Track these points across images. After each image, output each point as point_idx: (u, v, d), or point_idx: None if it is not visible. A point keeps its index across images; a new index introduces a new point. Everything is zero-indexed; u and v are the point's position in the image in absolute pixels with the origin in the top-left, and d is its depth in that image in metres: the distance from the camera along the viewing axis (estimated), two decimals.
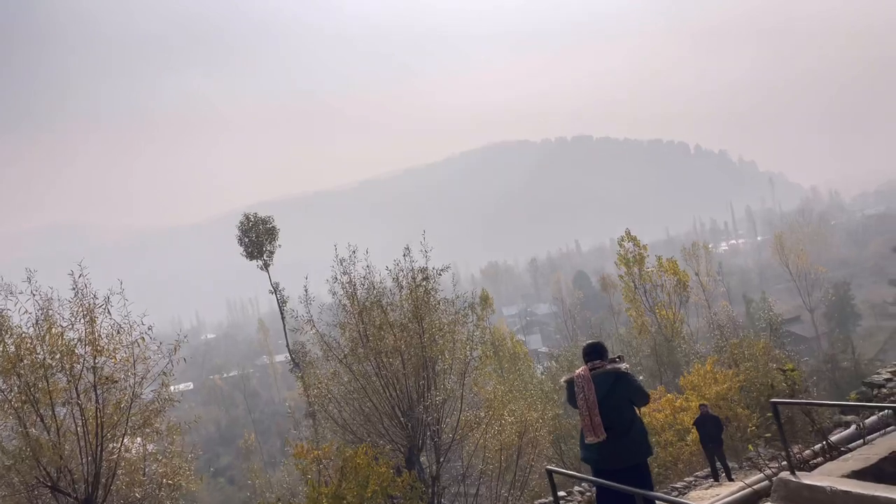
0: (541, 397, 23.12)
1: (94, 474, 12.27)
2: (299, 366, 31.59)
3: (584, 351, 6.15)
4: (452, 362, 18.02)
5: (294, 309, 18.45)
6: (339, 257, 18.08)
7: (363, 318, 17.13)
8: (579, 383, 5.85)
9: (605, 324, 62.20)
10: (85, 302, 12.27)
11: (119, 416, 12.43)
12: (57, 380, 12.25)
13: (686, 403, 20.93)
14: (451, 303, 18.88)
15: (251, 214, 34.29)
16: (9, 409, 12.01)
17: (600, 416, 5.66)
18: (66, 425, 12.40)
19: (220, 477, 55.37)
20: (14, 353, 11.76)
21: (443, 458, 17.69)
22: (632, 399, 5.80)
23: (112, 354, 12.31)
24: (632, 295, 38.28)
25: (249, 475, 41.40)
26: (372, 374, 17.20)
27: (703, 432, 15.23)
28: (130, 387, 12.50)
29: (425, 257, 18.35)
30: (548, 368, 35.73)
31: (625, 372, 5.84)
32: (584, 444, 5.87)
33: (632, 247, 37.94)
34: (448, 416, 17.90)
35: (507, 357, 37.92)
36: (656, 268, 38.33)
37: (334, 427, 18.11)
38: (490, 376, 25.94)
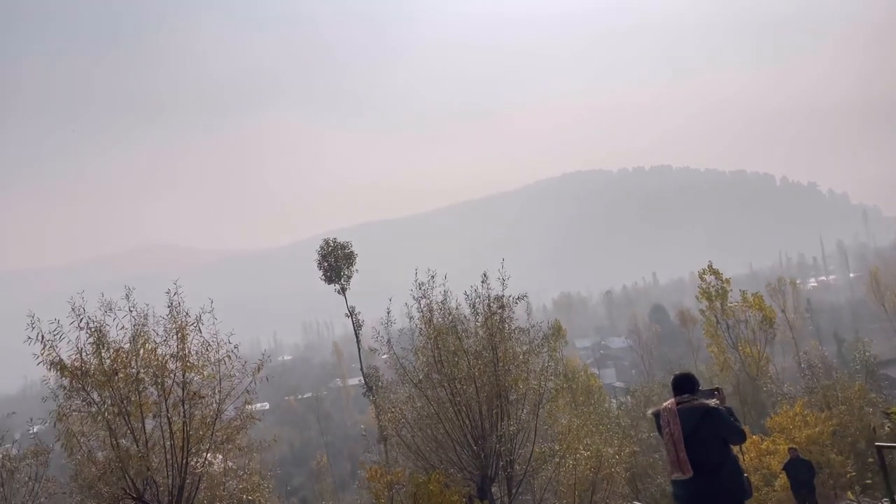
0: (617, 433, 22.49)
1: (179, 487, 12.70)
2: (372, 389, 31.88)
3: (672, 383, 5.96)
4: (526, 393, 17.82)
5: (375, 328, 18.69)
6: (417, 281, 18.28)
7: (438, 343, 17.20)
8: (665, 417, 5.67)
9: (683, 360, 59.99)
10: (178, 319, 12.86)
11: (204, 431, 12.88)
12: (148, 393, 12.82)
13: (773, 446, 19.92)
14: (526, 332, 18.74)
15: (330, 239, 35.18)
16: (101, 420, 12.61)
17: (686, 453, 5.46)
18: (153, 438, 12.91)
19: (292, 497, 56.13)
20: (110, 367, 12.39)
21: (515, 489, 17.43)
22: (724, 436, 5.57)
23: (200, 371, 12.81)
24: (713, 330, 36.89)
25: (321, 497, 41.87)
26: (445, 401, 17.20)
27: (793, 477, 14.44)
28: (216, 403, 12.95)
29: (502, 285, 18.33)
30: (623, 404, 34.73)
31: (714, 407, 5.62)
32: (673, 481, 5.67)
33: (714, 280, 36.66)
34: (521, 446, 17.67)
35: (581, 390, 37.10)
36: (740, 303, 36.86)
37: (406, 452, 18.16)
38: (563, 409, 25.47)
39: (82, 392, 12.31)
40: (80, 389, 12.27)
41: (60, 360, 12.16)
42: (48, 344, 12.14)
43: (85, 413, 12.60)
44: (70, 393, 12.40)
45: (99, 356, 12.30)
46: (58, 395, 12.55)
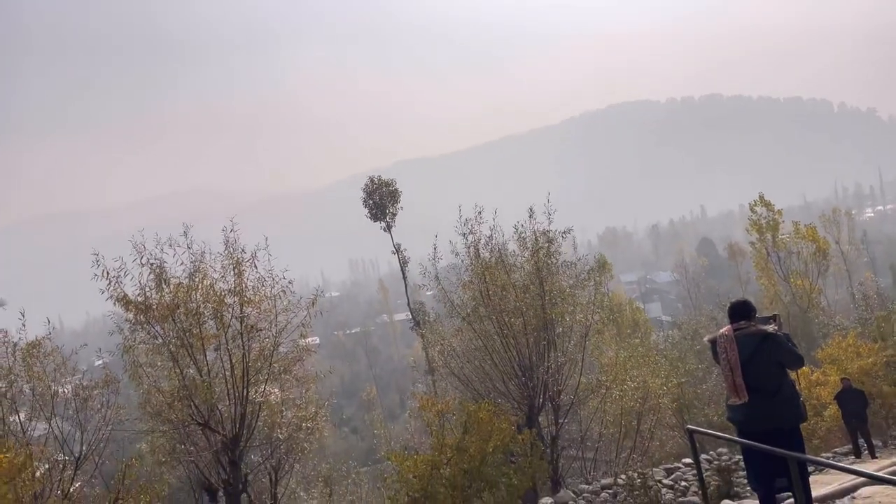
0: (664, 365, 22.57)
1: (241, 415, 13.33)
2: (420, 324, 32.51)
3: (728, 311, 5.94)
4: (572, 326, 17.93)
5: (422, 264, 18.92)
6: (463, 218, 18.32)
7: (486, 278, 17.34)
8: (722, 343, 5.68)
9: (731, 293, 59.25)
10: (234, 256, 13.25)
11: (262, 363, 13.42)
12: (208, 327, 13.35)
13: (823, 377, 19.75)
14: (573, 265, 18.73)
15: (375, 177, 35.34)
16: (165, 352, 13.25)
17: (743, 378, 5.49)
18: (215, 369, 13.51)
19: (344, 427, 58.44)
20: (171, 302, 12.90)
21: (562, 419, 17.77)
22: (781, 361, 5.58)
23: (257, 305, 13.26)
24: (764, 263, 36.22)
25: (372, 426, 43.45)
26: (493, 334, 17.45)
27: (845, 407, 14.35)
28: (272, 336, 13.43)
29: (548, 220, 18.24)
30: (670, 337, 34.67)
31: (772, 332, 5.61)
32: (729, 405, 5.73)
33: (765, 212, 35.74)
34: (567, 378, 17.90)
35: (627, 324, 37.16)
36: (792, 235, 35.98)
37: (455, 383, 18.60)
38: (609, 342, 25.58)
39: (146, 326, 12.90)
40: (145, 323, 12.85)
41: (125, 296, 12.71)
42: (113, 280, 12.67)
43: (149, 345, 13.23)
44: (135, 326, 13.01)
45: (160, 291, 12.81)
46: (123, 328, 13.17)
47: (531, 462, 14.38)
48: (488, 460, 13.65)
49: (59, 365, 13.54)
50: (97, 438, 13.62)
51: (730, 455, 12.04)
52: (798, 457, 5.02)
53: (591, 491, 11.67)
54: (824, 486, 7.45)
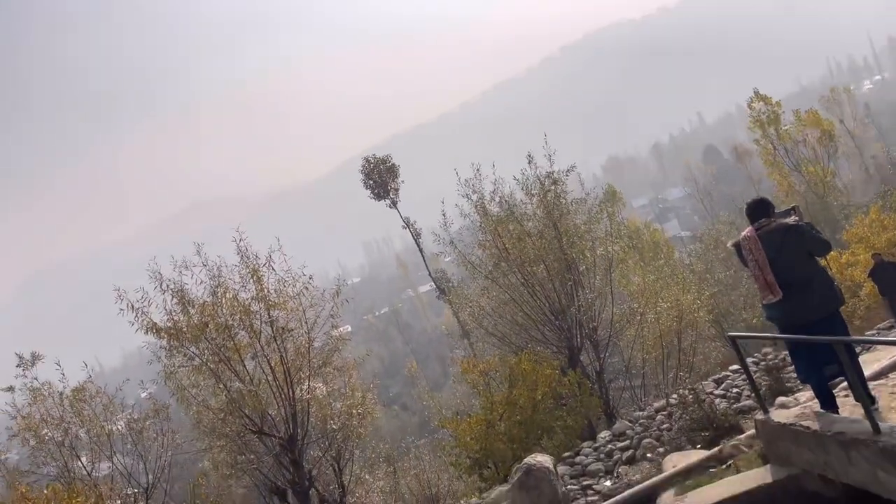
0: (692, 280, 22.55)
1: (292, 415, 13.54)
2: (445, 291, 32.70)
3: (746, 212, 5.88)
4: (595, 261, 17.91)
5: (434, 232, 18.92)
6: (463, 179, 18.23)
7: (500, 233, 17.32)
8: (745, 245, 5.64)
9: (745, 194, 58.74)
10: (250, 263, 13.33)
11: (301, 360, 13.58)
12: (240, 338, 13.50)
13: (853, 258, 19.63)
14: (583, 201, 18.63)
15: (370, 157, 35.25)
16: (205, 370, 13.43)
17: (773, 275, 5.46)
18: (257, 376, 13.69)
19: (393, 405, 59.34)
20: (200, 321, 13.03)
21: (603, 353, 17.87)
22: (809, 250, 5.53)
23: (283, 306, 13.37)
24: (772, 158, 35.79)
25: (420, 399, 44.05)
26: (518, 285, 17.49)
27: (881, 281, 14.26)
28: (305, 332, 13.56)
29: (549, 161, 18.10)
30: (693, 251, 34.55)
31: (794, 224, 5.55)
32: (764, 305, 5.71)
33: (763, 107, 35.21)
34: (601, 312, 17.94)
35: (647, 248, 37.05)
36: (795, 123, 35.46)
37: (492, 340, 18.73)
38: (634, 269, 25.52)
39: (181, 349, 13.07)
40: (179, 347, 13.02)
41: (154, 324, 12.86)
42: (139, 311, 12.82)
43: (189, 367, 13.42)
44: (170, 352, 13.19)
45: (187, 313, 12.94)
46: (160, 356, 13.36)
47: (581, 401, 14.53)
48: (539, 408, 13.82)
49: (106, 405, 13.82)
50: (160, 466, 13.95)
51: (775, 354, 12.06)
52: (844, 340, 5.01)
53: (647, 416, 11.76)
54: (874, 363, 7.46)
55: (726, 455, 7.34)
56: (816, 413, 5.67)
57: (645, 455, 10.21)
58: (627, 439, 11.12)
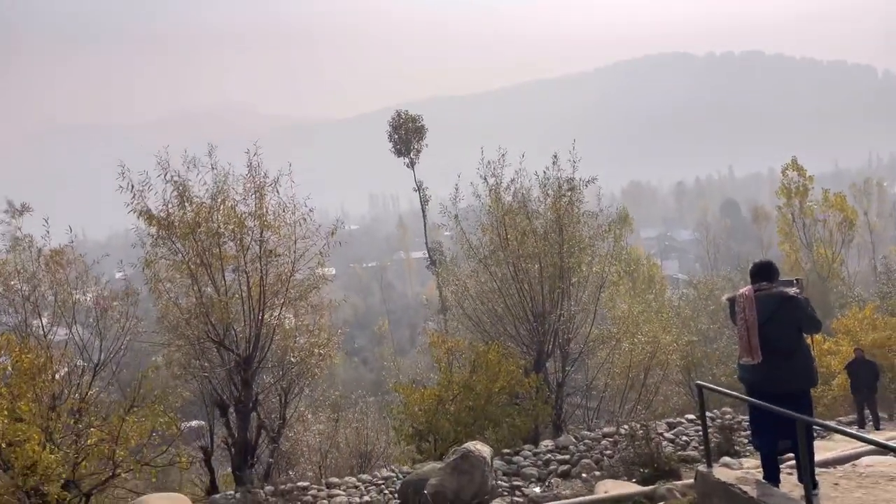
0: (676, 322, 22.59)
1: (255, 336, 13.58)
2: (436, 263, 32.70)
3: (750, 271, 5.88)
4: (588, 276, 17.91)
5: (442, 204, 18.86)
6: (486, 160, 18.13)
7: (505, 222, 17.27)
8: (741, 302, 5.64)
9: (752, 256, 58.73)
10: (256, 179, 13.27)
11: (279, 288, 13.59)
12: (227, 248, 13.49)
13: (835, 347, 19.69)
14: (595, 216, 18.58)
15: (402, 112, 34.97)
16: (185, 269, 13.43)
17: (759, 338, 5.47)
18: (232, 290, 13.70)
19: (354, 357, 59.62)
20: (193, 220, 13.00)
21: (569, 367, 17.96)
22: (799, 325, 5.54)
23: (277, 230, 13.34)
24: (788, 228, 35.78)
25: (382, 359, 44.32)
26: (509, 278, 17.49)
27: (855, 377, 14.34)
28: (291, 261, 13.55)
29: (573, 167, 18.01)
30: (684, 295, 34.58)
31: (793, 296, 5.55)
32: (741, 364, 5.72)
33: (796, 176, 35.10)
34: (579, 327, 18.00)
35: (643, 279, 37.11)
36: (821, 202, 35.38)
37: (467, 323, 18.77)
38: (623, 296, 25.56)
39: (168, 241, 13.05)
40: (166, 239, 13.00)
41: (148, 210, 12.83)
42: (137, 194, 12.77)
43: (170, 261, 13.42)
44: (157, 241, 13.18)
45: (183, 209, 12.91)
46: (145, 242, 13.35)
47: (535, 405, 14.64)
48: (494, 400, 13.92)
49: (81, 273, 13.84)
50: (115, 347, 14.02)
51: (733, 414, 12.15)
52: (807, 420, 5.04)
53: (593, 438, 11.87)
54: (827, 451, 7.52)
55: (659, 496, 7.42)
56: (757, 481, 5.72)
57: (580, 474, 10.31)
58: (568, 454, 11.23)
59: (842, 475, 5.86)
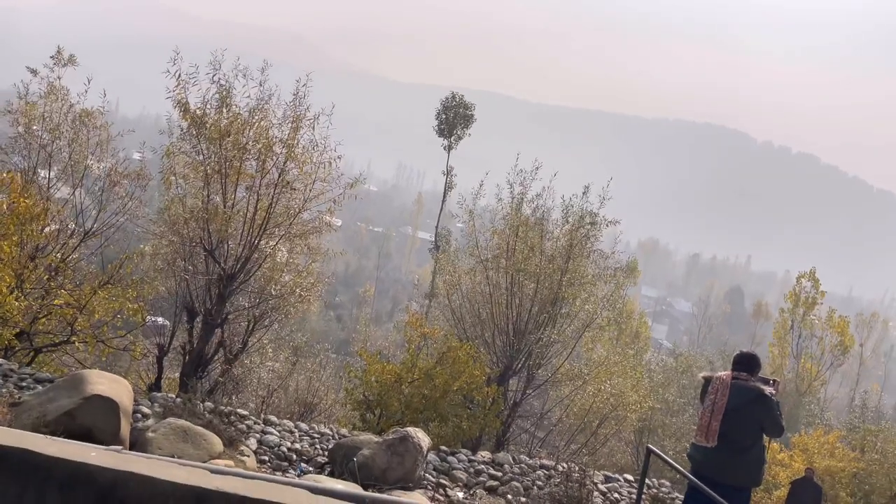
0: (647, 384, 22.62)
1: (245, 258, 13.62)
2: (439, 249, 32.72)
3: (735, 358, 5.88)
4: (580, 312, 17.93)
5: (463, 195, 18.87)
6: (518, 167, 18.13)
7: (518, 233, 17.28)
8: (716, 385, 5.64)
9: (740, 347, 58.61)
10: (298, 110, 13.26)
11: (284, 220, 13.61)
12: (248, 166, 13.51)
13: (788, 461, 19.71)
14: (605, 257, 18.59)
15: (457, 94, 34.94)
16: (202, 172, 13.46)
17: (721, 424, 5.48)
18: (239, 206, 13.73)
19: (331, 311, 59.77)
20: (225, 127, 13.01)
21: (531, 391, 18.01)
22: (763, 424, 5.55)
23: (301, 164, 13.34)
24: (783, 333, 35.76)
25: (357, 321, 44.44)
26: (503, 287, 17.52)
27: (797, 496, 14.32)
28: (303, 199, 13.57)
29: (600, 203, 18.01)
30: (663, 362, 34.61)
31: (767, 395, 5.56)
32: (694, 444, 5.74)
33: (809, 286, 35.03)
34: (553, 357, 18.05)
35: (629, 333, 37.14)
36: (823, 320, 35.32)
37: (449, 316, 18.81)
38: (605, 342, 25.58)
39: (194, 139, 13.07)
40: (194, 137, 13.02)
41: (186, 103, 12.83)
42: (181, 84, 12.78)
43: (190, 159, 13.45)
44: (184, 136, 13.20)
45: (220, 113, 12.91)
46: (173, 133, 13.38)
47: (486, 415, 14.67)
48: (449, 396, 13.96)
49: (102, 141, 13.86)
50: (110, 222, 14.06)
51: (669, 489, 12.16)
52: None
53: (529, 464, 11.88)
54: None
55: None
56: None
57: (507, 494, 10.34)
58: (501, 472, 11.25)
59: None
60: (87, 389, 7.44)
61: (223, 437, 8.34)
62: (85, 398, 7.32)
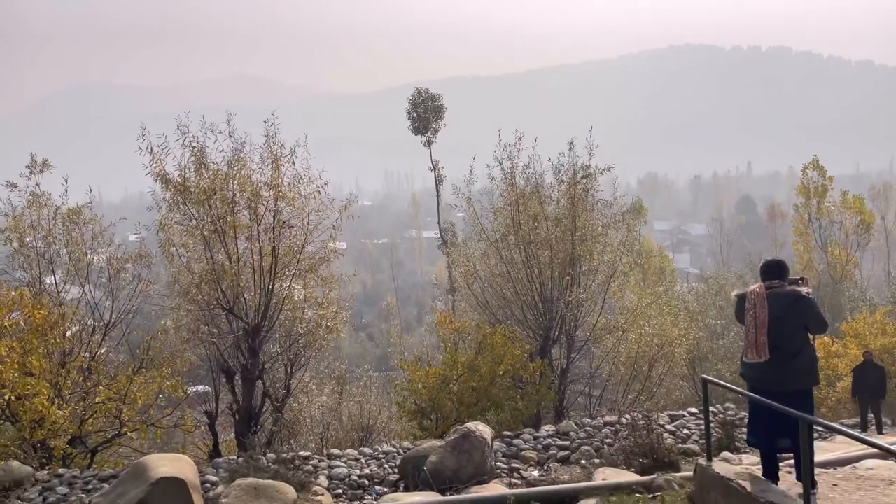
0: (685, 316, 22.54)
1: (264, 306, 13.70)
2: (447, 243, 32.70)
3: (762, 268, 5.84)
4: (599, 265, 17.87)
5: (456, 185, 18.85)
6: (503, 143, 18.06)
7: (519, 206, 17.25)
8: (751, 300, 5.61)
9: (765, 254, 58.28)
10: (273, 149, 13.29)
11: (290, 259, 13.67)
12: (241, 216, 13.56)
13: (843, 350, 19.61)
14: (609, 205, 18.51)
15: (422, 90, 34.85)
16: (199, 235, 13.54)
17: (767, 337, 5.45)
18: (244, 259, 13.80)
19: (361, 332, 59.97)
20: (209, 186, 13.07)
21: (574, 354, 17.99)
22: (807, 325, 5.52)
23: (291, 201, 13.39)
24: (804, 228, 35.52)
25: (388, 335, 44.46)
26: (519, 263, 17.50)
27: (862, 380, 14.24)
28: (304, 233, 13.61)
29: (590, 155, 17.94)
30: (695, 289, 34.48)
31: (805, 296, 5.53)
32: (745, 362, 5.71)
33: (816, 176, 34.78)
34: (586, 315, 17.99)
35: (653, 271, 36.95)
36: (839, 203, 35.04)
37: (475, 305, 18.83)
38: (633, 287, 25.50)
39: (183, 206, 13.14)
40: (182, 204, 13.09)
41: (166, 174, 12.90)
42: (156, 157, 12.84)
43: (184, 226, 13.52)
44: (172, 206, 13.27)
45: (199, 175, 12.97)
46: (161, 206, 13.45)
47: (538, 390, 14.70)
48: (497, 382, 14.00)
49: (96, 234, 13.97)
50: (126, 309, 14.17)
51: (736, 411, 12.15)
52: (810, 419, 5.03)
53: (594, 426, 11.91)
54: (827, 452, 7.52)
55: (656, 487, 7.46)
56: (755, 477, 5.74)
57: (580, 460, 10.37)
58: (569, 440, 11.28)
59: (841, 477, 5.87)
60: (152, 475, 7.51)
61: (293, 483, 8.41)
62: (152, 484, 7.39)
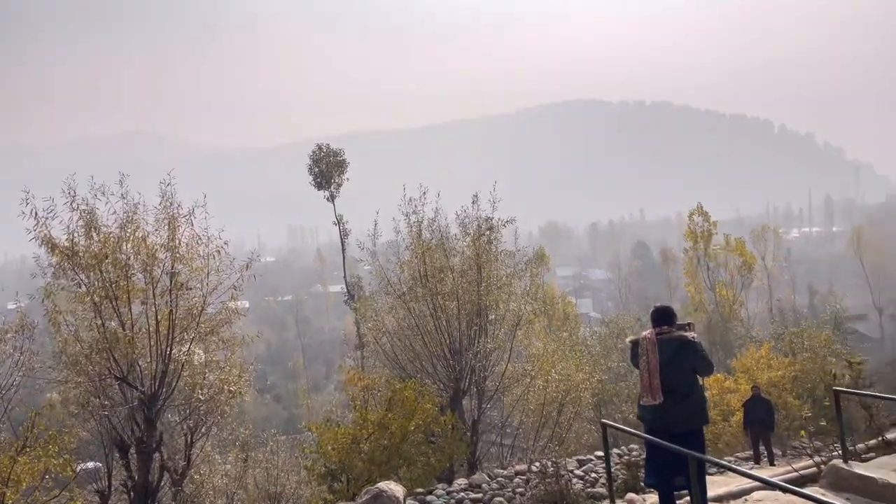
0: (588, 360, 23.20)
1: (162, 373, 13.04)
2: (354, 298, 32.41)
3: (652, 315, 6.19)
4: (505, 314, 18.20)
5: (360, 240, 18.84)
6: (407, 197, 18.29)
7: (425, 259, 17.41)
8: (644, 345, 5.93)
9: (660, 297, 61.22)
10: (169, 210, 12.88)
11: (189, 322, 13.13)
12: (136, 280, 12.97)
13: (735, 385, 20.72)
14: (512, 255, 19.00)
15: (323, 145, 34.90)
16: (88, 302, 12.81)
17: (660, 380, 5.75)
18: (139, 324, 13.15)
19: (267, 394, 57.82)
20: (100, 251, 12.47)
21: (485, 404, 18.08)
22: (695, 367, 5.87)
23: (189, 263, 12.94)
24: (693, 270, 37.71)
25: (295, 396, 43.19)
26: (427, 315, 17.56)
27: (751, 414, 15.09)
28: (203, 295, 13.15)
29: (492, 207, 18.43)
30: (596, 333, 35.67)
31: (691, 340, 5.89)
32: (641, 405, 5.98)
33: (701, 221, 37.19)
34: (495, 364, 18.20)
35: (558, 317, 37.97)
36: (723, 246, 37.54)
37: (384, 360, 18.66)
38: (539, 334, 26.09)
39: (71, 272, 12.43)
40: (69, 269, 12.39)
41: (51, 239, 12.21)
42: (41, 221, 12.15)
43: (72, 293, 12.77)
44: (58, 272, 12.54)
45: (89, 239, 12.36)
46: (46, 273, 12.67)
47: (450, 443, 14.63)
48: (409, 438, 13.82)
49: None
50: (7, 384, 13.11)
51: (640, 451, 12.55)
52: (699, 457, 5.31)
53: (506, 476, 11.97)
54: (721, 486, 7.88)
55: None
56: None
57: None
58: (482, 493, 11.27)
59: None
60: None
61: None
62: None
